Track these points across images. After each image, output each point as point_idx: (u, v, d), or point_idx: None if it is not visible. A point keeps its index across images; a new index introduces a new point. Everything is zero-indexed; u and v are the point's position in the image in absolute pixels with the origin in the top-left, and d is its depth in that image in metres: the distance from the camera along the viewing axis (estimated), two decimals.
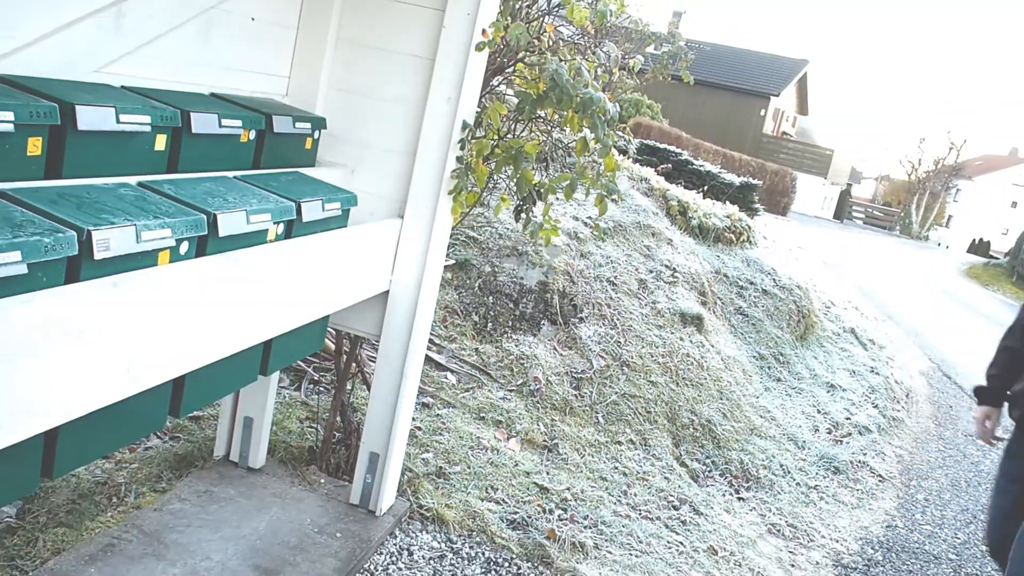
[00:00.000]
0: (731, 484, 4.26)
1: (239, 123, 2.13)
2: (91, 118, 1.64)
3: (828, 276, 10.46)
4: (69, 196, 1.54)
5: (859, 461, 5.06)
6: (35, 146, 1.55)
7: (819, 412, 5.74)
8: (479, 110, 2.71)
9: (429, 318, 2.86)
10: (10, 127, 1.46)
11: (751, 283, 6.91)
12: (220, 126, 2.05)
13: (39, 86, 1.63)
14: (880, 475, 4.97)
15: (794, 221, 19.56)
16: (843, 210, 28.90)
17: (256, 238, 1.91)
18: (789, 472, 4.59)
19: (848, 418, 5.77)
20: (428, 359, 4.03)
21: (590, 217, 5.76)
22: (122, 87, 1.93)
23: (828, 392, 6.20)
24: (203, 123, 1.98)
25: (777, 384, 5.90)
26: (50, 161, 1.60)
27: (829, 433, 5.44)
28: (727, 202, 9.11)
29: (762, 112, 29.03)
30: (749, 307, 6.57)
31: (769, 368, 6.03)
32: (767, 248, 8.42)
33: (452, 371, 4.16)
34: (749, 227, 8.05)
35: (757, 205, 11.43)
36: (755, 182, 11.68)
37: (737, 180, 11.20)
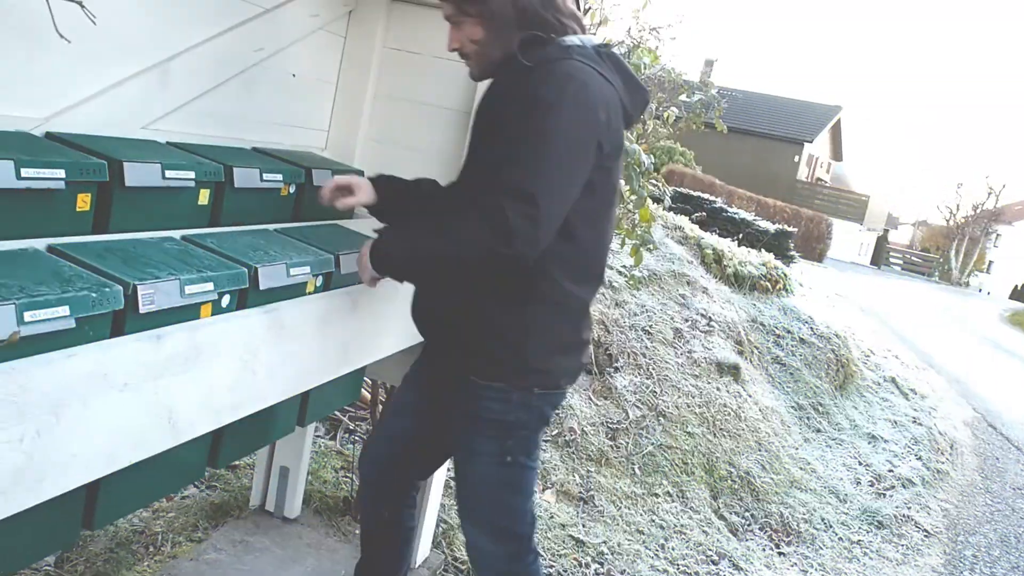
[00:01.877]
0: (771, 538, 4.17)
1: (280, 177, 2.17)
2: (138, 174, 1.68)
3: (867, 324, 10.32)
4: (116, 250, 1.57)
5: (903, 515, 4.93)
6: (84, 202, 1.59)
7: (860, 464, 5.62)
8: None
9: None
10: (61, 184, 1.50)
11: (788, 332, 6.83)
12: (262, 180, 2.09)
13: (88, 143, 1.68)
14: (926, 530, 4.84)
15: (831, 268, 19.38)
16: (880, 256, 28.62)
17: (295, 290, 1.93)
18: (831, 526, 4.48)
19: (891, 470, 5.64)
20: None
21: (624, 266, 5.75)
22: (168, 143, 1.99)
23: (869, 443, 6.07)
24: (245, 178, 2.02)
25: (817, 435, 5.79)
26: (98, 216, 1.64)
27: (871, 486, 5.32)
28: (762, 250, 9.07)
29: (796, 158, 29.00)
30: (787, 356, 6.49)
31: (808, 419, 5.93)
32: (804, 296, 8.35)
33: None
34: (785, 275, 8.00)
35: (793, 252, 11.37)
36: (790, 229, 11.65)
37: (772, 227, 11.16)
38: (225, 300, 1.69)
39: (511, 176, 1.66)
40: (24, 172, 1.42)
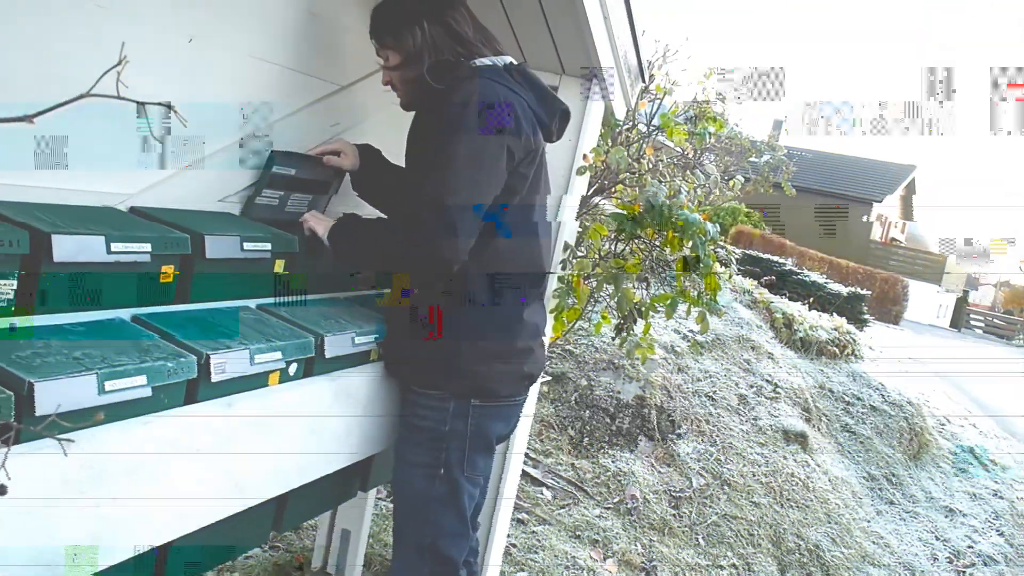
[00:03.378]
0: None
1: None
2: (218, 246, 1.76)
3: (943, 390, 9.97)
4: (194, 320, 1.65)
5: None
6: (167, 274, 1.67)
7: (938, 539, 5.40)
8: (580, 230, 2.77)
9: (526, 433, 2.87)
10: (147, 257, 1.58)
11: (858, 399, 6.66)
12: None
13: (171, 217, 1.77)
14: None
15: (907, 330, 18.82)
16: (960, 318, 27.64)
17: (360, 358, 1.98)
18: None
19: (970, 546, 5.40)
20: (523, 474, 4.01)
21: (691, 330, 5.71)
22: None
23: (947, 517, 5.83)
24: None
25: (890, 507, 5.59)
26: (179, 287, 1.72)
27: (950, 562, 5.10)
28: (834, 313, 8.89)
29: (866, 219, 28.46)
30: (856, 424, 6.31)
31: (881, 490, 5.74)
32: (874, 361, 8.13)
33: (547, 486, 4.12)
34: (854, 340, 7.82)
35: (866, 315, 11.08)
36: (863, 292, 11.36)
37: (844, 290, 10.92)
38: (292, 368, 1.74)
39: (426, 189, 1.80)
40: (114, 247, 1.51)
